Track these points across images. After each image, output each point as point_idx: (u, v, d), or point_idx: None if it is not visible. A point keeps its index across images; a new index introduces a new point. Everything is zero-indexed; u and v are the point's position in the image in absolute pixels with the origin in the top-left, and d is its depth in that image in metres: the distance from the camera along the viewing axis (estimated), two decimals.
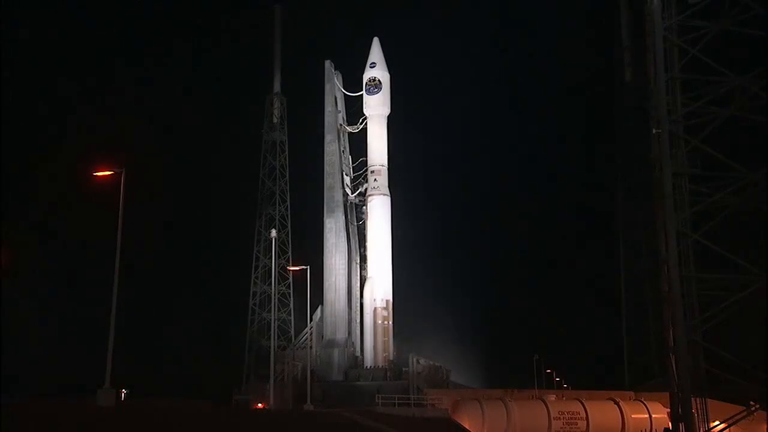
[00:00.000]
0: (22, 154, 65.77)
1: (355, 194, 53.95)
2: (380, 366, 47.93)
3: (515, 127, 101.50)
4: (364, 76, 53.32)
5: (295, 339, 56.18)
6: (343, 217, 52.62)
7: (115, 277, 25.31)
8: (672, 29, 32.46)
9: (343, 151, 54.56)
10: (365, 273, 51.83)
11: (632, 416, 43.10)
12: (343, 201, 53.02)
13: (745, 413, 31.46)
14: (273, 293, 44.37)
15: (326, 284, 51.06)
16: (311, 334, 50.44)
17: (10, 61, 65.02)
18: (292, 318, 62.32)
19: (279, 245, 57.55)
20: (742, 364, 29.57)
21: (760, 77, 31.63)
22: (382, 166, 52.14)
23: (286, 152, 65.79)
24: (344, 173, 54.06)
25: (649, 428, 42.83)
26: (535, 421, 40.71)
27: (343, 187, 53.45)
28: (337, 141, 53.83)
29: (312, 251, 53.74)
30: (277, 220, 63.31)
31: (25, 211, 65.02)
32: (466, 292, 75.04)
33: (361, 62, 53.85)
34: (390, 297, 50.19)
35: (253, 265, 63.07)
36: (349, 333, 51.08)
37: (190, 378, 57.51)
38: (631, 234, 66.79)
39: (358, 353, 50.67)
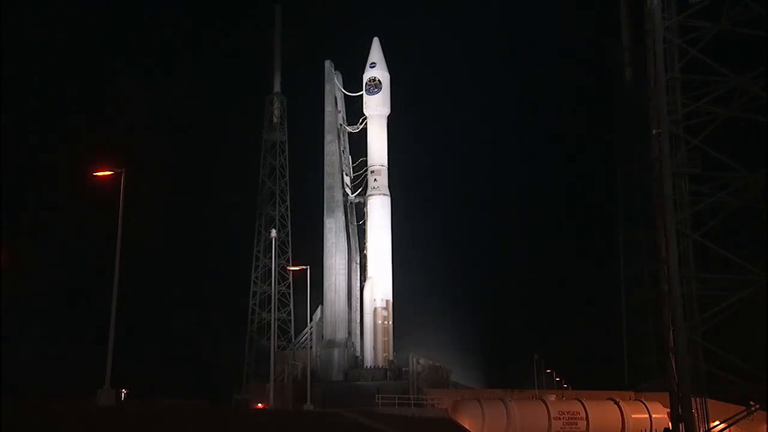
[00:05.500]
0: (23, 154, 65.83)
1: (355, 194, 53.95)
2: (380, 366, 47.93)
3: (515, 127, 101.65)
4: (364, 76, 53.36)
5: (295, 339, 56.19)
6: (343, 217, 52.60)
7: (115, 277, 25.33)
8: (672, 29, 32.42)
9: (343, 151, 54.55)
10: (365, 273, 51.83)
11: (632, 416, 43.13)
12: (343, 201, 52.99)
13: (745, 413, 31.45)
14: (273, 293, 44.31)
15: (326, 284, 51.02)
16: (311, 334, 50.46)
17: (10, 60, 65.05)
18: (292, 318, 62.35)
19: (279, 245, 57.60)
20: (742, 364, 29.54)
21: (760, 77, 31.60)
22: (382, 166, 52.18)
23: (286, 152, 65.89)
24: (344, 173, 54.04)
25: (649, 428, 42.84)
26: (535, 421, 40.73)
27: (343, 187, 53.43)
28: (337, 141, 53.82)
29: (312, 251, 53.78)
30: (277, 220, 63.35)
31: (26, 210, 65.03)
32: (466, 292, 75.08)
33: (361, 62, 53.92)
34: (390, 297, 50.21)
35: (253, 265, 63.10)
36: (349, 333, 51.06)
37: (190, 378, 57.51)
38: (631, 234, 66.78)
39: (358, 353, 50.65)
